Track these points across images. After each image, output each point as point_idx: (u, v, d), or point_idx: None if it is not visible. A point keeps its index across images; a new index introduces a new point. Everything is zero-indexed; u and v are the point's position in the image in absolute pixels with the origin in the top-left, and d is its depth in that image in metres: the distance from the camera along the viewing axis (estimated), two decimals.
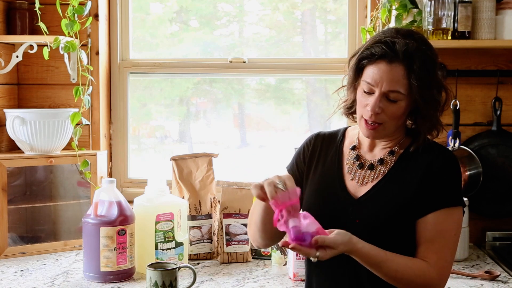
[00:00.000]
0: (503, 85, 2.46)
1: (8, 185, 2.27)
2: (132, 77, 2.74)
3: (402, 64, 1.44)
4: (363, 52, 1.49)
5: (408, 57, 1.44)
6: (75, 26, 2.33)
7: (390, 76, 1.44)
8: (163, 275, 1.77)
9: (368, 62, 1.48)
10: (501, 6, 2.31)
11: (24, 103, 2.60)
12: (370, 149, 1.58)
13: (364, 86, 1.49)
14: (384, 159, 1.55)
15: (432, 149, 1.54)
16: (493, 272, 2.04)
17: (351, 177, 1.56)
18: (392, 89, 1.45)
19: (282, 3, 2.79)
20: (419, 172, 1.50)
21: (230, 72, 2.71)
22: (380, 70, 1.45)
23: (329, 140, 1.65)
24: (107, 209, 1.99)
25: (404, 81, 1.44)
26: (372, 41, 1.49)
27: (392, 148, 1.55)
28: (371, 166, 1.55)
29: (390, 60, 1.44)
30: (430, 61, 1.47)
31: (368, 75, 1.47)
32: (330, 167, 1.60)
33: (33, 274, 2.07)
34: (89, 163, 2.37)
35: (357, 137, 1.62)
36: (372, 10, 2.43)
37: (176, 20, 2.88)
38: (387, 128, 1.50)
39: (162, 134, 2.91)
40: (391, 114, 1.47)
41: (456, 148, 2.38)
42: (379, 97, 1.46)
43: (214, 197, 2.33)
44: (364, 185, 1.54)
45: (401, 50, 1.44)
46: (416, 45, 1.46)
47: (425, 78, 1.45)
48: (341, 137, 1.65)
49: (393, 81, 1.44)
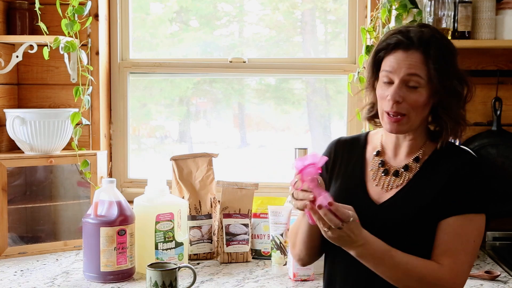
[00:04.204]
0: (503, 85, 2.46)
1: (8, 185, 2.27)
2: (132, 77, 2.74)
3: (418, 50, 1.44)
4: (379, 45, 1.49)
5: (423, 43, 1.43)
6: (75, 26, 2.33)
7: (407, 62, 1.43)
8: (163, 275, 1.77)
9: (384, 53, 1.48)
10: (501, 6, 2.31)
11: (24, 103, 2.60)
12: (395, 154, 1.55)
13: (383, 77, 1.47)
14: (409, 165, 1.52)
15: (457, 153, 1.51)
16: (493, 272, 2.04)
17: (376, 183, 1.54)
18: (412, 72, 1.43)
19: (282, 3, 2.79)
20: (445, 177, 1.47)
21: (230, 72, 2.71)
22: (397, 58, 1.44)
23: (350, 145, 1.63)
24: (107, 209, 1.99)
25: (422, 67, 1.43)
26: (388, 34, 1.50)
27: (417, 154, 1.52)
28: (396, 173, 1.52)
29: (406, 48, 1.44)
30: (447, 49, 1.47)
31: (386, 65, 1.47)
32: (353, 172, 1.58)
33: (33, 274, 2.07)
34: (89, 163, 2.37)
35: (380, 142, 1.59)
36: (372, 10, 2.43)
37: (176, 20, 2.88)
38: (411, 119, 1.46)
39: (162, 134, 2.91)
40: (412, 103, 1.44)
41: None
42: (399, 85, 1.44)
43: (214, 197, 2.33)
44: (388, 192, 1.52)
45: (416, 36, 1.44)
46: (431, 33, 1.46)
47: (443, 65, 1.44)
48: (363, 142, 1.62)
49: (411, 66, 1.43)
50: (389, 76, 1.46)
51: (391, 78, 1.45)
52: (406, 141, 1.54)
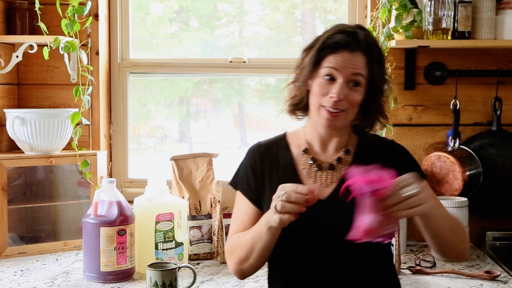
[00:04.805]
0: (503, 85, 2.46)
1: (8, 185, 2.27)
2: (132, 77, 2.74)
3: (363, 53, 1.50)
4: (325, 42, 1.52)
5: (369, 46, 1.50)
6: (75, 26, 2.33)
7: (353, 62, 1.49)
8: (163, 275, 1.77)
9: (329, 51, 1.51)
10: (501, 6, 2.31)
11: (24, 103, 2.60)
12: (323, 149, 1.59)
13: (325, 74, 1.51)
14: (342, 158, 1.57)
15: (382, 143, 1.62)
16: (493, 272, 2.04)
17: (312, 180, 1.57)
18: (357, 72, 1.49)
19: (282, 3, 2.79)
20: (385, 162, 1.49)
21: (230, 72, 2.71)
22: (344, 58, 1.49)
23: (273, 148, 1.64)
24: (107, 209, 1.99)
25: (365, 68, 1.50)
26: (331, 32, 1.53)
27: (347, 147, 1.58)
28: (331, 167, 1.56)
29: (352, 49, 1.49)
30: (382, 53, 1.58)
31: (330, 62, 1.50)
32: (286, 174, 1.59)
33: (33, 274, 2.07)
34: (89, 163, 2.37)
35: (304, 140, 1.62)
36: (372, 10, 2.43)
37: (176, 20, 2.88)
38: (348, 115, 1.53)
39: (162, 134, 2.91)
40: (352, 101, 1.50)
41: (456, 148, 2.38)
42: (343, 83, 1.49)
43: (214, 197, 2.33)
44: (329, 186, 1.55)
45: (363, 39, 1.50)
46: (372, 37, 1.54)
47: (381, 67, 1.55)
48: (285, 143, 1.64)
49: (357, 67, 1.50)
50: (332, 74, 1.50)
51: (335, 76, 1.50)
52: (335, 135, 1.58)
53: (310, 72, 1.54)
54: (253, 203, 1.61)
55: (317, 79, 1.53)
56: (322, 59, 1.52)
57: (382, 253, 1.59)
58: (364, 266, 1.53)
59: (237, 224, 1.63)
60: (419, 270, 2.10)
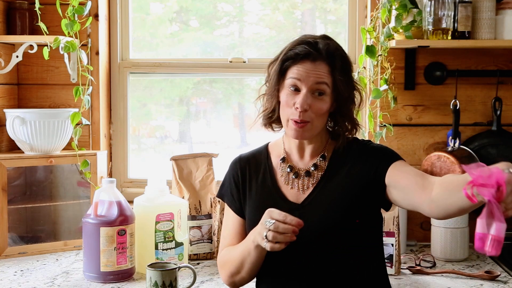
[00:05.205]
0: (503, 85, 2.46)
1: (8, 185, 2.27)
2: (132, 77, 2.74)
3: (325, 62, 1.52)
4: (287, 54, 1.54)
5: (330, 55, 1.52)
6: (75, 26, 2.33)
7: (316, 72, 1.51)
8: (163, 275, 1.77)
9: (292, 62, 1.53)
10: (501, 6, 2.31)
11: (24, 103, 2.60)
12: (301, 157, 1.62)
13: (289, 85, 1.53)
14: (317, 164, 1.59)
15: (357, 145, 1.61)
16: (493, 272, 2.04)
17: (290, 186, 1.59)
18: (320, 81, 1.51)
19: (282, 3, 2.79)
20: (356, 160, 1.56)
21: (230, 72, 2.71)
22: (306, 68, 1.51)
23: (254, 159, 1.68)
24: (107, 209, 1.99)
25: (329, 76, 1.52)
26: (294, 43, 1.55)
27: (323, 153, 1.60)
28: (307, 173, 1.59)
29: (314, 59, 1.51)
30: (347, 61, 1.57)
31: (293, 73, 1.52)
32: (264, 183, 1.62)
33: (33, 274, 2.07)
34: (89, 163, 2.37)
35: (283, 149, 1.65)
36: (372, 10, 2.43)
37: (176, 20, 2.88)
38: (314, 126, 1.54)
39: (162, 134, 2.91)
40: (317, 110, 1.52)
41: (456, 148, 2.38)
42: (307, 93, 1.51)
43: (214, 197, 2.33)
44: (305, 191, 1.58)
45: (324, 49, 1.52)
46: (335, 45, 1.56)
47: (345, 75, 1.55)
48: (265, 154, 1.68)
49: (319, 76, 1.51)
50: (296, 84, 1.52)
51: (299, 86, 1.52)
52: (311, 143, 1.60)
53: (276, 83, 1.56)
54: (237, 214, 1.66)
55: (283, 90, 1.55)
56: (286, 70, 1.54)
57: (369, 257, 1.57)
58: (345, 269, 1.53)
59: (225, 236, 1.68)
60: (419, 270, 2.10)
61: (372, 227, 1.58)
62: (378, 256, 1.61)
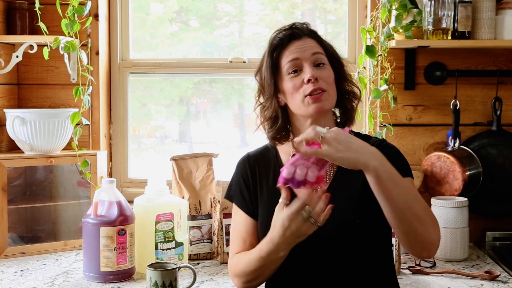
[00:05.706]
0: (503, 85, 2.46)
1: (8, 185, 2.27)
2: (132, 77, 2.74)
3: (309, 37, 1.57)
4: (271, 46, 1.57)
5: (310, 31, 1.58)
6: (75, 26, 2.33)
7: (307, 45, 1.55)
8: (163, 275, 1.77)
9: (281, 49, 1.55)
10: (501, 6, 2.31)
11: (24, 103, 2.60)
12: None
13: (289, 69, 1.54)
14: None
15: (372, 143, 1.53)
16: (493, 272, 2.04)
17: None
18: (315, 51, 1.54)
19: (282, 3, 2.79)
20: None
21: (230, 72, 2.71)
22: (297, 46, 1.55)
23: (262, 158, 1.65)
24: (107, 209, 1.99)
25: (319, 47, 1.56)
26: (273, 36, 1.59)
27: None
28: None
29: (299, 36, 1.56)
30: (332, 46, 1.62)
31: (288, 57, 1.54)
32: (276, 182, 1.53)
33: (33, 274, 2.07)
34: (89, 163, 2.37)
35: (291, 146, 1.61)
36: (372, 10, 2.43)
37: (176, 20, 2.88)
38: (330, 94, 1.54)
39: (162, 134, 2.91)
40: (326, 78, 1.54)
41: (456, 148, 2.38)
42: (310, 65, 1.52)
43: (214, 197, 2.33)
44: None
45: (303, 27, 1.58)
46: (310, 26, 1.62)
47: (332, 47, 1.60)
48: (274, 151, 1.65)
49: (312, 47, 1.55)
50: (296, 64, 1.53)
51: (299, 65, 1.53)
52: None
53: (272, 77, 1.56)
54: (249, 215, 1.61)
55: (284, 80, 1.55)
56: (278, 60, 1.55)
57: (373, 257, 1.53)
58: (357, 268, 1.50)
59: (236, 240, 1.62)
60: (419, 270, 2.10)
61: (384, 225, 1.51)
62: (387, 256, 1.58)
